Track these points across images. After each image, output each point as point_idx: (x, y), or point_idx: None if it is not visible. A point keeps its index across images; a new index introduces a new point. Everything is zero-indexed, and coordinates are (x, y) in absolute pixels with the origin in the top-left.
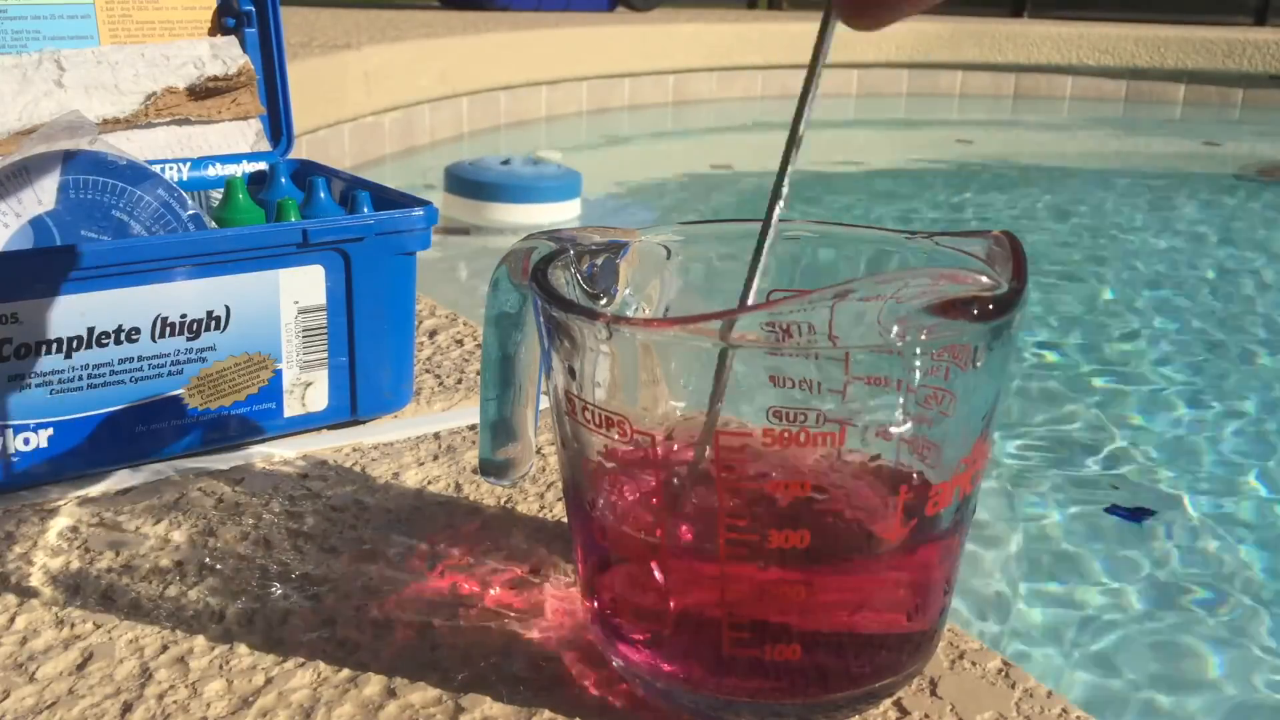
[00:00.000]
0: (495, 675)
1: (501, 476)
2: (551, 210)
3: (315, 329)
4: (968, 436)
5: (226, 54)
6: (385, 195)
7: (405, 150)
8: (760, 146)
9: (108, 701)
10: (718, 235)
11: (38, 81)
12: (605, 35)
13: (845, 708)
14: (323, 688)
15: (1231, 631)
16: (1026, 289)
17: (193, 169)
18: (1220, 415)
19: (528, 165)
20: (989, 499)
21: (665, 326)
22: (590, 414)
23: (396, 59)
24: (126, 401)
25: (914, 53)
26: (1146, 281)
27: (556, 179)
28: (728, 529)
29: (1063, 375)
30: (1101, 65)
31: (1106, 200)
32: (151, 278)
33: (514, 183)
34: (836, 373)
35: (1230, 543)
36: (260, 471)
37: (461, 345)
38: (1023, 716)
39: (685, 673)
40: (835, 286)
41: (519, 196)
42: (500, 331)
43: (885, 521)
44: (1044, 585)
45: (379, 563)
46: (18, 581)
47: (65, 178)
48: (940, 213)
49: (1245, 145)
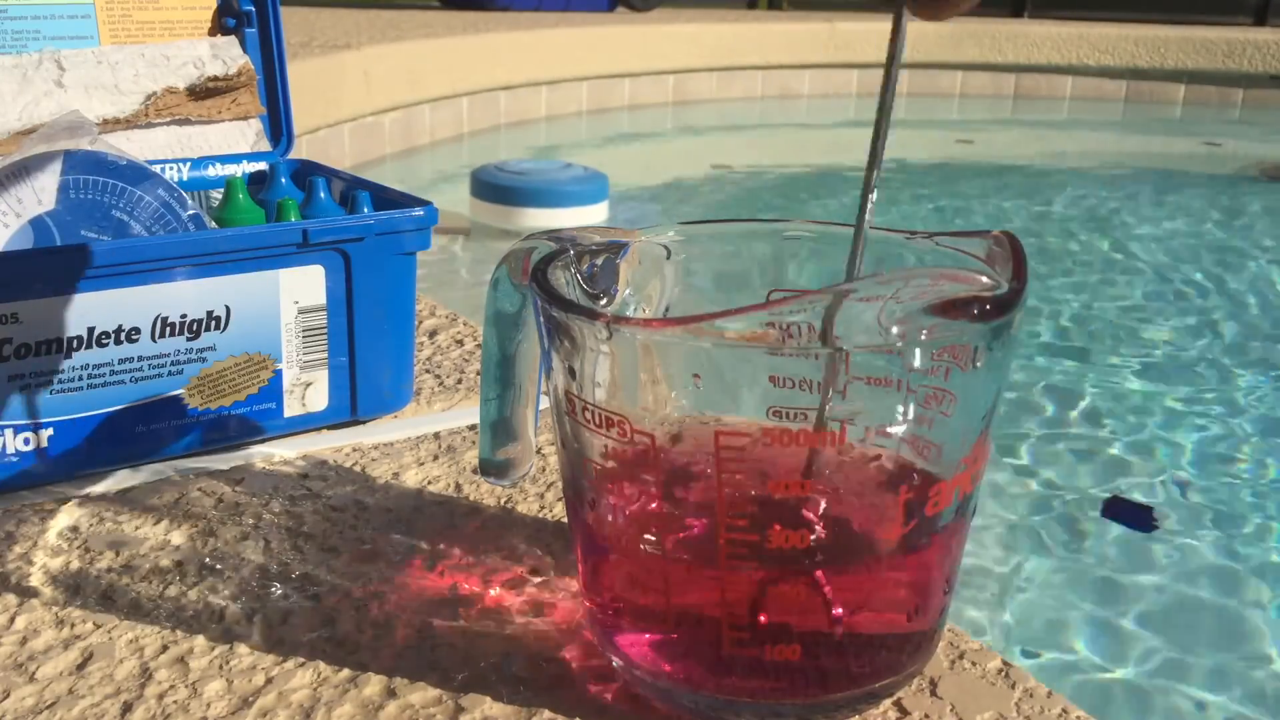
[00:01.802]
0: (495, 675)
1: (501, 476)
2: (579, 214)
3: (315, 329)
4: (968, 436)
5: (226, 54)
6: (385, 195)
7: (405, 150)
8: (761, 147)
9: (108, 701)
10: (718, 235)
11: (38, 81)
12: (605, 35)
13: (845, 708)
14: (323, 688)
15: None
16: (1026, 289)
17: (193, 169)
18: (1221, 415)
19: (555, 169)
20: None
21: (665, 326)
22: (590, 414)
23: (396, 59)
24: (126, 401)
25: (914, 53)
26: (1146, 281)
27: (584, 182)
28: (728, 529)
29: (1063, 375)
30: (1101, 65)
31: (1106, 200)
32: (151, 278)
33: (542, 187)
34: (836, 373)
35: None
36: (260, 471)
37: (461, 345)
38: (1023, 716)
39: (685, 673)
40: (835, 287)
41: (547, 201)
42: (500, 331)
43: (885, 521)
44: (1044, 583)
45: (379, 563)
46: (18, 581)
47: (65, 178)
48: (940, 213)
49: (1245, 145)
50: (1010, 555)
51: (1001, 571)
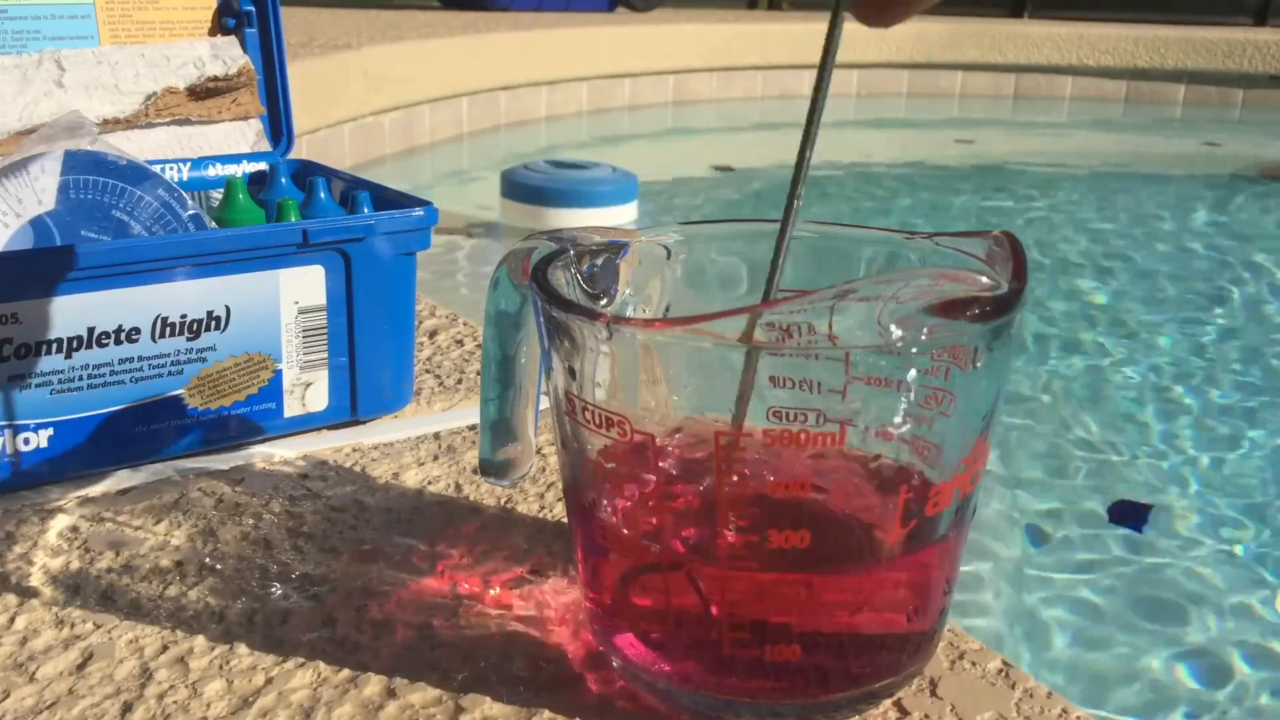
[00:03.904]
0: (495, 675)
1: (501, 477)
2: (610, 214)
3: (315, 329)
4: (968, 437)
5: (227, 54)
6: (385, 195)
7: (405, 150)
8: (761, 147)
9: (108, 701)
10: (718, 235)
11: (38, 82)
12: (605, 35)
13: (845, 708)
14: (323, 688)
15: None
16: (1027, 289)
17: (193, 169)
18: (1221, 415)
19: (585, 169)
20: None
21: (665, 326)
22: (590, 414)
23: (396, 59)
24: (126, 401)
25: (914, 53)
26: (1146, 281)
27: (615, 183)
28: (728, 529)
29: (1061, 375)
30: (1101, 65)
31: (1106, 200)
32: (151, 278)
33: (573, 187)
34: (836, 373)
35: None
36: (260, 471)
37: (462, 345)
38: (1023, 717)
39: (685, 673)
40: (836, 287)
41: (578, 201)
42: (500, 332)
43: (885, 522)
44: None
45: (379, 563)
46: (18, 581)
47: (65, 178)
48: (940, 213)
49: (1245, 145)
50: (1010, 555)
51: (1002, 572)
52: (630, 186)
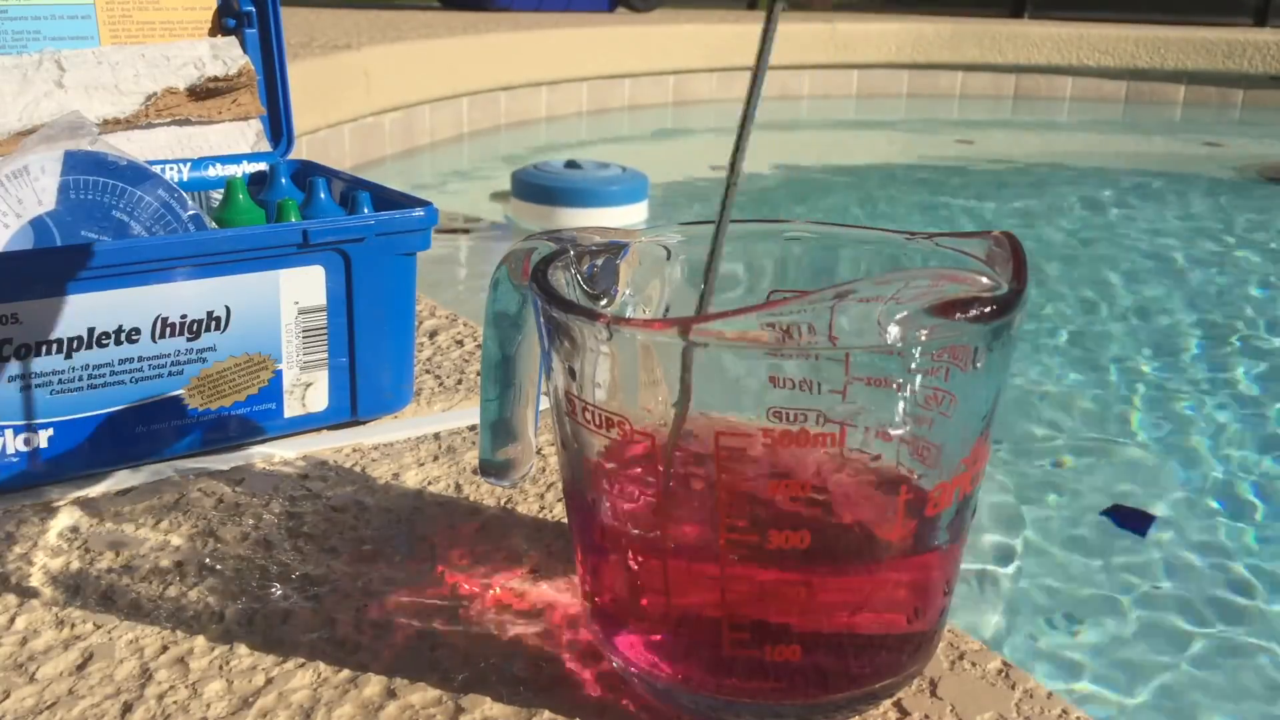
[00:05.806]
0: (495, 675)
1: (501, 477)
2: (621, 213)
3: (315, 329)
4: (968, 437)
5: (227, 54)
6: (385, 195)
7: (405, 151)
8: (760, 147)
9: (108, 702)
10: None
11: (38, 82)
12: (605, 35)
13: (845, 708)
14: (323, 688)
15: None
16: (1027, 290)
17: (193, 169)
18: (1221, 414)
19: (596, 169)
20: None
21: (665, 327)
22: (590, 415)
23: (396, 59)
24: (126, 402)
25: (914, 53)
26: (1146, 282)
27: (625, 182)
28: (728, 529)
29: (1060, 375)
30: (1101, 65)
31: (1106, 201)
32: (152, 278)
33: (584, 187)
34: (836, 373)
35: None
36: (260, 472)
37: (462, 346)
38: (1023, 717)
39: (685, 673)
40: (835, 287)
41: (589, 200)
42: (500, 332)
43: (885, 522)
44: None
45: (379, 563)
46: (18, 581)
47: (65, 178)
48: (940, 213)
49: (1245, 146)
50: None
51: (1001, 572)
52: (641, 186)
